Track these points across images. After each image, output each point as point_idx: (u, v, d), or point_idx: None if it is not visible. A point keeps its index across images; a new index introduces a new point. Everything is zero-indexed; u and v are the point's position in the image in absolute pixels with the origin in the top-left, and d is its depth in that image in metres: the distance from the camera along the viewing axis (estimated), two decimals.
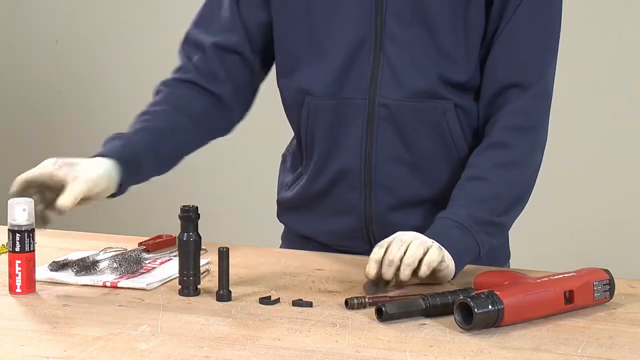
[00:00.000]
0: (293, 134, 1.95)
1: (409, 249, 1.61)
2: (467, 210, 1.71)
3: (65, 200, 1.66)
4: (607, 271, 1.60)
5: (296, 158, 1.93)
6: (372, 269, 1.61)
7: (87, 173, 1.71)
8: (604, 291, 1.58)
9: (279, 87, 1.90)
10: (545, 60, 1.79)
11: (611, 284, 1.60)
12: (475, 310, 1.44)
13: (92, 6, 4.24)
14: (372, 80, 1.80)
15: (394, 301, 1.53)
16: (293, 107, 1.88)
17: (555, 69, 1.82)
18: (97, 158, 1.79)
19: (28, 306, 1.57)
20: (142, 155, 1.85)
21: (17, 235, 1.61)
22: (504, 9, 1.76)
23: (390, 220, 1.82)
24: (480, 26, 1.77)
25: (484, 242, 1.71)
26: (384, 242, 1.64)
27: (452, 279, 1.66)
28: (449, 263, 1.64)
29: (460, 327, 1.46)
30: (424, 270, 1.60)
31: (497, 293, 1.47)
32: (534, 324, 1.49)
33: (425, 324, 1.49)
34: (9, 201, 1.61)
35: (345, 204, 1.85)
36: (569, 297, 1.54)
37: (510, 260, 1.96)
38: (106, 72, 4.26)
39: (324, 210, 1.88)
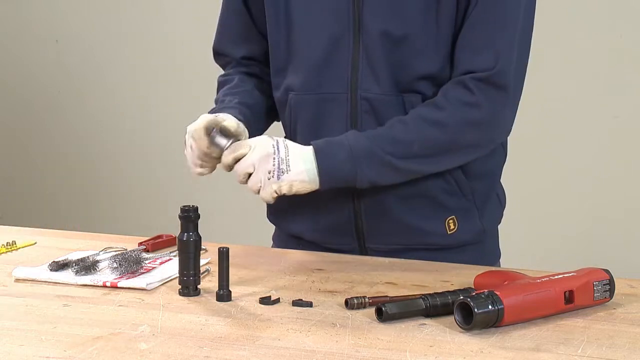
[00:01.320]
0: None
1: (250, 180, 1.72)
2: (369, 142, 1.74)
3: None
4: (607, 271, 1.60)
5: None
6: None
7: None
8: (604, 291, 1.58)
9: (274, 82, 1.92)
10: (500, 50, 1.77)
11: (611, 284, 1.60)
12: (476, 310, 1.44)
13: (92, 6, 4.24)
14: (353, 74, 1.80)
15: (394, 301, 1.53)
16: (280, 104, 1.90)
17: (522, 64, 1.80)
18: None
19: (28, 306, 1.57)
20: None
21: None
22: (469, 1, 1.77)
23: (377, 215, 1.83)
24: (451, 18, 1.77)
25: (363, 176, 1.74)
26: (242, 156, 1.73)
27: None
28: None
29: (460, 327, 1.46)
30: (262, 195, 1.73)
31: (497, 293, 1.47)
32: (534, 324, 1.49)
33: (425, 324, 1.49)
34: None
35: (333, 201, 1.85)
36: (569, 297, 1.54)
37: (500, 260, 1.97)
38: (106, 72, 4.27)
39: (311, 207, 1.88)
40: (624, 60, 3.63)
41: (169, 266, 1.77)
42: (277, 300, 1.59)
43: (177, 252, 1.66)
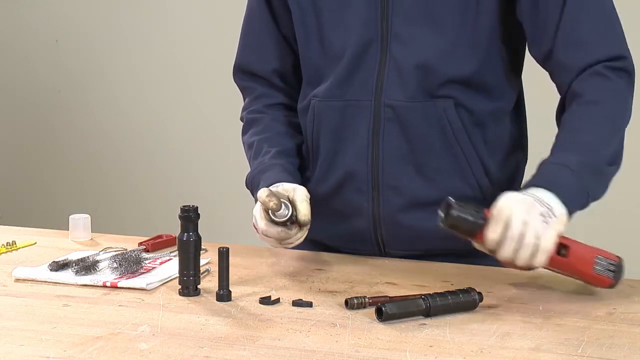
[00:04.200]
0: None
1: (526, 237, 1.56)
2: (576, 157, 1.68)
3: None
4: (620, 258, 1.63)
5: (302, 160, 1.93)
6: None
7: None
8: (607, 269, 1.59)
9: (303, 93, 1.91)
10: (617, 40, 1.77)
11: (617, 267, 1.61)
12: (453, 210, 1.54)
13: (92, 6, 4.24)
14: (378, 82, 1.79)
15: (394, 301, 1.53)
16: (302, 110, 1.89)
17: (629, 51, 1.79)
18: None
19: (28, 306, 1.57)
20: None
21: None
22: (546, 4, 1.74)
23: (398, 221, 1.82)
24: (493, 21, 1.76)
25: (591, 190, 1.68)
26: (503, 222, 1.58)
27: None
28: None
29: (440, 223, 1.56)
30: (541, 260, 1.58)
31: (487, 210, 1.54)
32: (534, 324, 1.49)
33: (425, 324, 1.49)
34: None
35: (353, 207, 1.85)
36: (564, 252, 1.57)
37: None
38: (106, 72, 4.27)
39: (331, 213, 1.87)
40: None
41: (169, 266, 1.77)
42: (277, 300, 1.59)
43: (177, 252, 1.66)
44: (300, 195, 1.73)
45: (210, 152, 4.11)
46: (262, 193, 1.69)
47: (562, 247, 1.60)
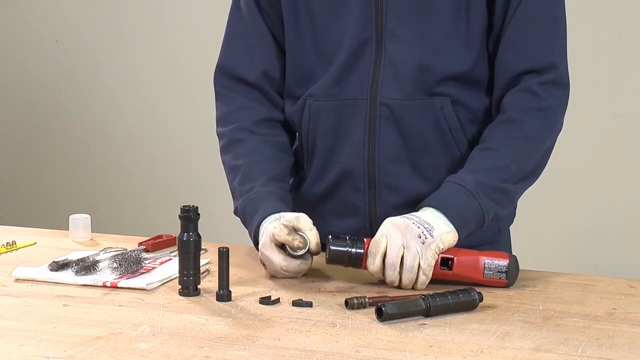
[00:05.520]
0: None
1: (406, 260, 1.64)
2: (474, 176, 1.73)
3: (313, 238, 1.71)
4: (512, 256, 1.67)
5: (298, 159, 1.93)
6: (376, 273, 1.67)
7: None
8: (498, 272, 1.65)
9: (288, 94, 1.90)
10: (555, 50, 1.79)
11: (509, 267, 1.65)
12: (331, 247, 1.63)
13: (92, 6, 4.24)
14: (374, 80, 1.80)
15: (394, 301, 1.53)
16: (296, 109, 1.88)
17: (566, 62, 1.82)
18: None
19: (28, 306, 1.57)
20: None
21: None
22: (508, 3, 1.77)
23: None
24: (483, 17, 1.78)
25: (488, 208, 1.72)
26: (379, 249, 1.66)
27: (456, 244, 1.67)
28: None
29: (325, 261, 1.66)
30: (422, 280, 1.66)
31: (365, 239, 1.64)
32: (534, 324, 1.49)
33: (425, 324, 1.49)
34: None
35: (349, 205, 1.85)
36: (449, 265, 1.64)
37: None
38: (106, 72, 4.27)
39: (327, 212, 1.88)
40: (623, 60, 3.62)
41: (169, 266, 1.77)
42: (277, 300, 1.59)
43: (177, 252, 1.66)
44: (305, 224, 1.71)
45: (211, 153, 4.09)
46: (280, 232, 1.68)
47: (446, 260, 1.66)
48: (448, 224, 1.67)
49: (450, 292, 1.55)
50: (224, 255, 1.60)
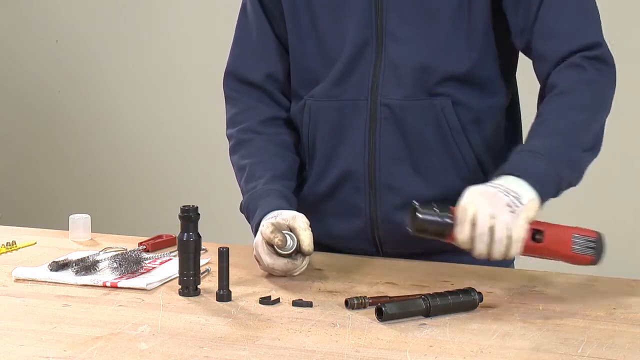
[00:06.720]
0: None
1: (497, 230, 1.56)
2: (545, 142, 1.67)
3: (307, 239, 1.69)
4: (598, 233, 1.62)
5: (301, 159, 1.93)
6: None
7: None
8: (586, 247, 1.59)
9: (294, 95, 1.90)
10: (592, 30, 1.77)
11: (597, 243, 1.60)
12: (419, 215, 1.55)
13: (92, 6, 4.24)
14: (374, 81, 1.80)
15: (394, 301, 1.53)
16: (296, 110, 1.88)
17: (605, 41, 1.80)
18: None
19: (28, 306, 1.57)
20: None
21: None
22: None
23: (395, 220, 1.82)
24: (486, 15, 1.77)
25: (564, 175, 1.67)
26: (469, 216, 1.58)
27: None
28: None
29: (408, 228, 1.58)
30: (514, 253, 1.58)
31: (452, 208, 1.55)
32: (534, 324, 1.49)
33: (425, 324, 1.49)
34: None
35: (350, 206, 1.85)
36: (539, 237, 1.57)
37: (514, 261, 1.96)
38: (106, 72, 4.26)
39: (328, 213, 1.87)
40: (623, 60, 3.62)
41: (169, 266, 1.77)
42: (277, 300, 1.59)
43: (177, 252, 1.66)
44: (301, 223, 1.70)
45: (210, 152, 4.11)
46: (266, 229, 1.68)
47: (537, 232, 1.59)
48: (533, 192, 1.60)
49: (450, 292, 1.55)
50: (224, 255, 1.60)
